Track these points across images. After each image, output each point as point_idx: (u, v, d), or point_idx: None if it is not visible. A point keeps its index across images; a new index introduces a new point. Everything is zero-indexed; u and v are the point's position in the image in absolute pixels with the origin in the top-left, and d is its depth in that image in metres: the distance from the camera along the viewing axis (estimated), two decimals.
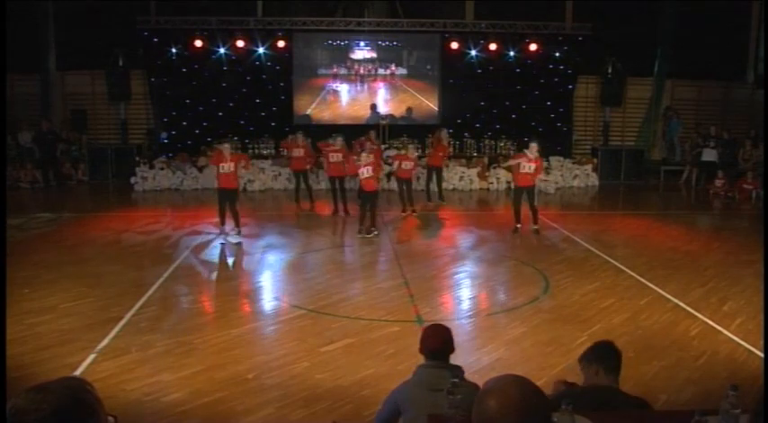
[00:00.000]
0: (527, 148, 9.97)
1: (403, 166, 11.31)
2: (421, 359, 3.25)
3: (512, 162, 10.09)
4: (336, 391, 4.68)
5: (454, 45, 16.01)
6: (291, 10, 16.16)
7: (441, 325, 3.37)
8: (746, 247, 9.16)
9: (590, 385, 2.93)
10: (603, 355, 3.02)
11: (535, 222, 9.95)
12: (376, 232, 9.76)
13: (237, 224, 9.49)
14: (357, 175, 10.40)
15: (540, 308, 6.62)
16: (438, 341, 3.18)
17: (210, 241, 9.45)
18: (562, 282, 7.48)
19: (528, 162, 9.66)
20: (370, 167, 9.75)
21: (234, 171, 9.34)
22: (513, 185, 10.40)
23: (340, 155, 11.29)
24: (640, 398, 2.94)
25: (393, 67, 16.54)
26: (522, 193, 9.85)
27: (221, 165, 9.24)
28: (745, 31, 16.77)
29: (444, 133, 12.85)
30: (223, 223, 9.43)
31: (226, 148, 9.47)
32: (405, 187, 11.44)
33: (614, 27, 15.56)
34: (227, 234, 9.41)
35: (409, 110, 16.69)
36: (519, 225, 9.93)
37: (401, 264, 8.25)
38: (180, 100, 16.01)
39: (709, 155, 15.11)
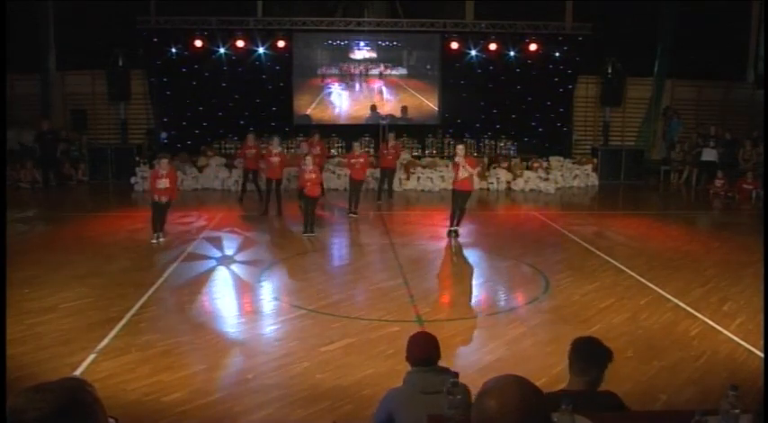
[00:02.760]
0: (454, 155, 9.98)
1: (353, 162, 11.38)
2: None
3: (458, 173, 9.85)
4: (336, 391, 4.68)
5: (454, 45, 15.99)
6: (292, 10, 16.15)
7: (426, 333, 3.40)
8: (746, 247, 9.17)
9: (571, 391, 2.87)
10: (583, 354, 3.02)
11: (458, 223, 9.76)
12: (314, 234, 9.75)
13: (161, 229, 9.35)
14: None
15: (540, 308, 6.62)
16: (424, 350, 3.20)
17: (210, 241, 9.45)
18: (562, 282, 7.48)
19: (462, 167, 9.50)
20: (313, 175, 9.83)
21: (170, 187, 9.30)
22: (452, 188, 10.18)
23: (278, 158, 11.31)
24: (609, 393, 2.89)
25: (382, 67, 16.50)
26: (458, 196, 9.70)
27: (158, 180, 9.20)
28: (745, 31, 16.76)
29: (392, 136, 13.11)
30: (156, 231, 9.30)
31: (163, 164, 9.34)
32: (353, 188, 11.45)
33: (614, 27, 15.56)
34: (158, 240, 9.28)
35: (404, 109, 16.68)
36: (455, 228, 9.75)
37: (401, 264, 8.25)
38: (180, 100, 16.00)
39: (710, 155, 15.12)
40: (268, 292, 7.19)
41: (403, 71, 16.63)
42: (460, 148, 9.88)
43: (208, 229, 10.31)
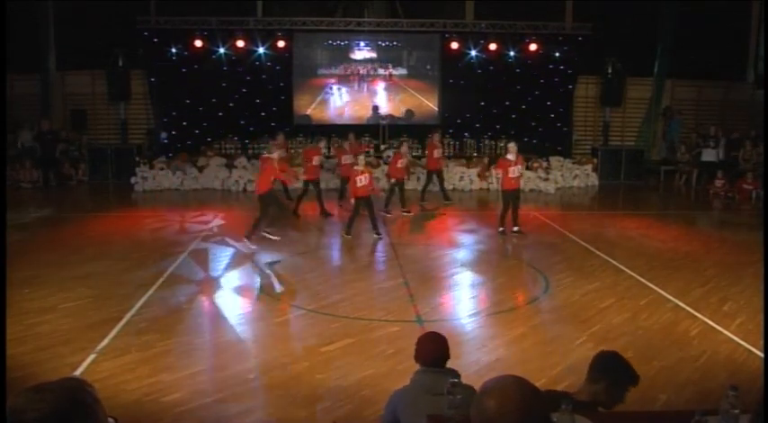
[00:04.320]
0: (506, 152, 10.03)
1: (399, 164, 11.36)
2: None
3: (501, 172, 9.94)
4: (336, 391, 4.68)
5: (454, 45, 16.00)
6: (292, 10, 16.15)
7: (436, 333, 3.34)
8: (746, 247, 9.17)
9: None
10: (610, 368, 2.87)
11: (516, 224, 9.86)
12: (379, 235, 9.64)
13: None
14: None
15: (540, 308, 6.62)
16: (435, 350, 3.16)
17: (211, 241, 9.45)
18: (562, 282, 7.48)
19: (514, 166, 9.68)
20: (367, 175, 9.62)
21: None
22: (500, 189, 10.16)
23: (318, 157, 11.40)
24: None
25: (390, 69, 16.53)
26: (510, 196, 9.77)
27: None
28: (745, 31, 16.77)
29: (437, 136, 12.81)
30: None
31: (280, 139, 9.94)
32: (396, 188, 11.53)
33: (614, 27, 15.56)
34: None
35: (409, 111, 16.67)
36: (503, 228, 9.86)
37: (401, 264, 8.25)
38: (180, 100, 16.00)
39: (709, 155, 15.12)
40: (268, 292, 7.19)
41: (403, 71, 16.64)
42: (513, 146, 9.88)
43: (208, 229, 10.32)
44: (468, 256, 8.98)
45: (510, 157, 9.78)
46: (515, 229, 9.85)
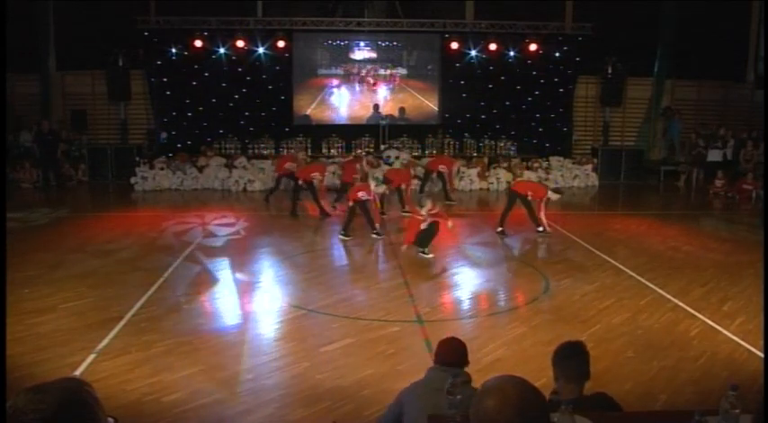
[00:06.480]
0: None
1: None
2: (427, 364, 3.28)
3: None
4: (336, 391, 4.68)
5: (454, 45, 16.00)
6: (292, 10, 16.15)
7: (457, 340, 3.39)
8: (746, 247, 9.16)
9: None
10: (563, 359, 2.85)
11: (539, 225, 10.01)
12: (350, 237, 9.61)
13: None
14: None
15: (540, 308, 6.62)
16: (454, 355, 3.23)
17: (210, 241, 9.45)
18: (562, 282, 7.48)
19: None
20: (365, 193, 9.58)
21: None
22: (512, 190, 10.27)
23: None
24: (601, 393, 2.88)
25: (390, 69, 16.54)
26: (517, 197, 9.92)
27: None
28: (745, 31, 16.76)
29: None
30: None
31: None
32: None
33: (614, 27, 15.56)
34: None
35: (402, 110, 16.67)
36: (502, 228, 9.97)
37: (401, 264, 8.25)
38: (180, 100, 16.00)
39: (715, 155, 15.12)
40: (268, 292, 7.19)
41: (403, 71, 16.64)
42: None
43: (207, 229, 10.32)
44: (468, 256, 8.98)
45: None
46: (539, 229, 9.88)
